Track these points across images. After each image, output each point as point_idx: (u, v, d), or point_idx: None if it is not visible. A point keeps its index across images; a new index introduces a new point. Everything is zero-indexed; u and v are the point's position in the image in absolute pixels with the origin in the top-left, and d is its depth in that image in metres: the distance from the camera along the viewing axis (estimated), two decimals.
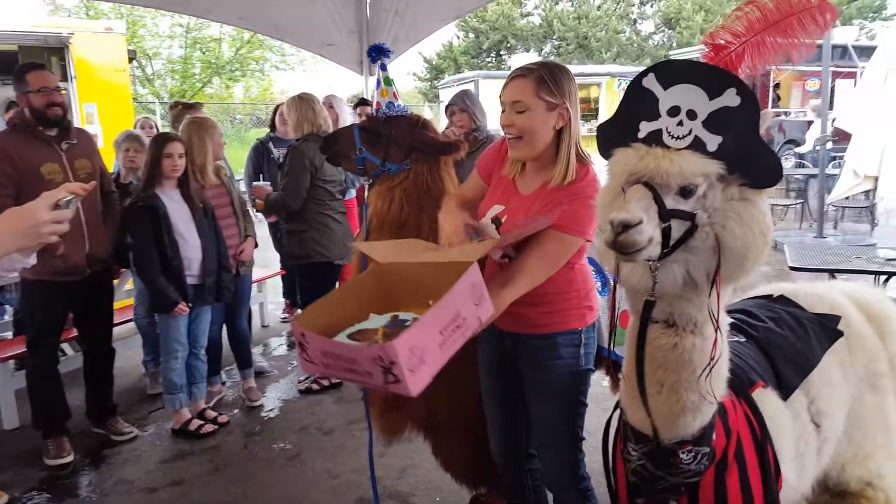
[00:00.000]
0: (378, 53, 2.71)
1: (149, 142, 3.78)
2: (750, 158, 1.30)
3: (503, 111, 1.92)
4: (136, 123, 5.22)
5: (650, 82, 1.30)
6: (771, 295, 2.05)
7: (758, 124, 1.28)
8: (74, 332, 3.94)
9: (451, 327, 1.54)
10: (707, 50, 1.34)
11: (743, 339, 1.80)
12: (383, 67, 2.67)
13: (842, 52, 14.29)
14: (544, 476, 2.20)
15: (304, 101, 4.16)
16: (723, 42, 1.33)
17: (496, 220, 1.99)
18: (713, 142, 1.29)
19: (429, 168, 2.49)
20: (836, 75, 14.23)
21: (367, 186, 2.65)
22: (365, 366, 1.45)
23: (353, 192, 5.06)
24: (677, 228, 1.28)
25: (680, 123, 1.29)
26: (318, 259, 4.12)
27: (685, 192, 1.28)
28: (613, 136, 1.40)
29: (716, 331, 1.39)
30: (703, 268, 1.33)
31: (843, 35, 9.75)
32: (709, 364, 1.39)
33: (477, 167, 2.18)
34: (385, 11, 5.65)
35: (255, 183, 4.43)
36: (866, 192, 8.39)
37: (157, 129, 5.27)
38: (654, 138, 1.30)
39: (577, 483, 2.11)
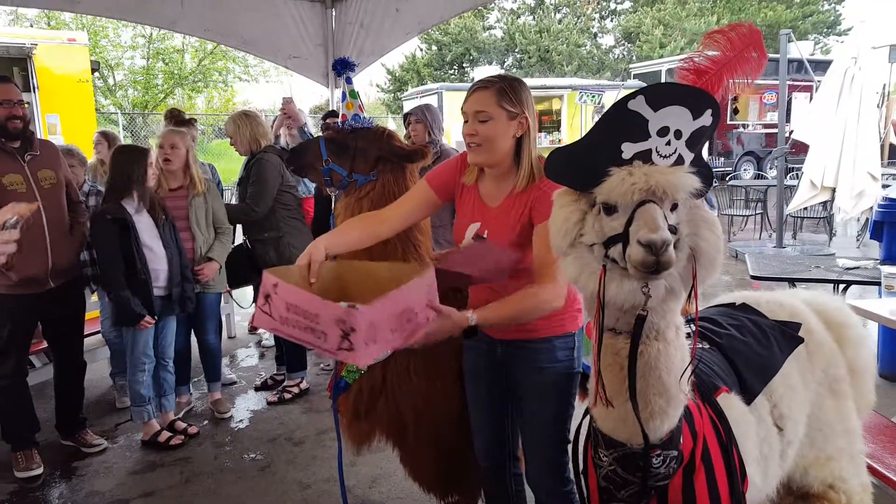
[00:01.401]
0: (343, 67, 2.77)
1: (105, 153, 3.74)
2: (701, 170, 1.39)
3: (466, 121, 1.99)
4: (95, 139, 5.12)
5: (638, 105, 1.32)
6: (734, 303, 2.11)
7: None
8: (44, 344, 3.88)
9: (404, 318, 1.62)
10: (687, 72, 1.43)
11: (707, 346, 1.85)
12: (349, 80, 2.72)
13: (798, 65, 14.77)
14: (531, 478, 2.21)
15: (252, 118, 4.32)
16: (703, 66, 1.41)
17: (478, 238, 2.04)
18: (689, 158, 1.37)
19: (395, 178, 2.52)
20: (792, 88, 14.69)
21: (333, 198, 2.66)
22: (325, 325, 1.50)
23: (306, 192, 5.07)
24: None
25: (668, 143, 1.34)
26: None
27: (673, 206, 1.35)
28: (585, 160, 1.41)
29: (692, 335, 1.45)
30: (679, 277, 1.39)
31: (799, 49, 10.07)
32: (687, 366, 1.46)
33: (426, 179, 2.20)
34: (350, 24, 5.71)
35: None
36: (824, 203, 8.65)
37: (119, 140, 5.18)
38: (643, 158, 1.34)
39: (562, 485, 2.14)
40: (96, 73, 13.18)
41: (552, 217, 1.50)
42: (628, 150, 1.34)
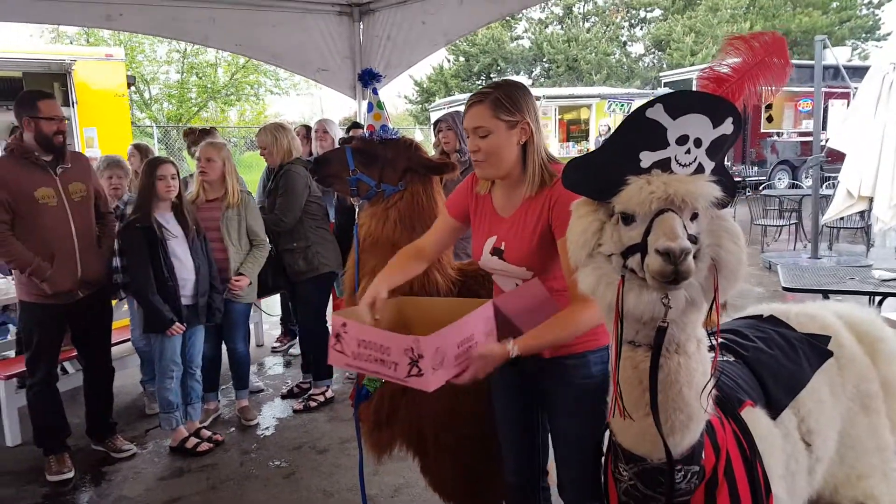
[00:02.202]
0: (370, 78, 2.77)
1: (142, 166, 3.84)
2: (722, 179, 1.36)
3: (467, 137, 1.97)
4: (129, 151, 5.26)
5: (656, 113, 1.30)
6: (761, 315, 2.06)
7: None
8: (75, 352, 3.97)
9: (466, 345, 1.73)
10: (707, 80, 1.39)
11: (732, 359, 1.81)
12: (375, 91, 2.73)
13: (834, 72, 14.47)
14: (564, 493, 2.15)
15: (286, 130, 4.43)
16: (724, 74, 1.38)
17: (496, 251, 2.00)
18: (710, 167, 1.35)
19: (423, 188, 2.54)
20: (828, 96, 14.40)
21: (357, 207, 2.67)
22: (395, 355, 1.64)
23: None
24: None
25: (688, 151, 1.32)
26: (324, 270, 4.32)
27: (693, 216, 1.33)
28: (603, 169, 1.40)
29: (714, 348, 1.42)
30: (700, 288, 1.36)
31: (835, 56, 9.86)
32: (708, 381, 1.42)
33: (446, 207, 2.21)
34: (377, 37, 5.76)
35: None
36: (861, 213, 8.44)
37: (152, 153, 5.31)
38: (662, 167, 1.32)
39: (594, 501, 2.09)
40: (132, 88, 13.55)
41: (570, 227, 1.49)
42: (647, 158, 1.32)
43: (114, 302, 4.00)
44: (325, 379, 4.58)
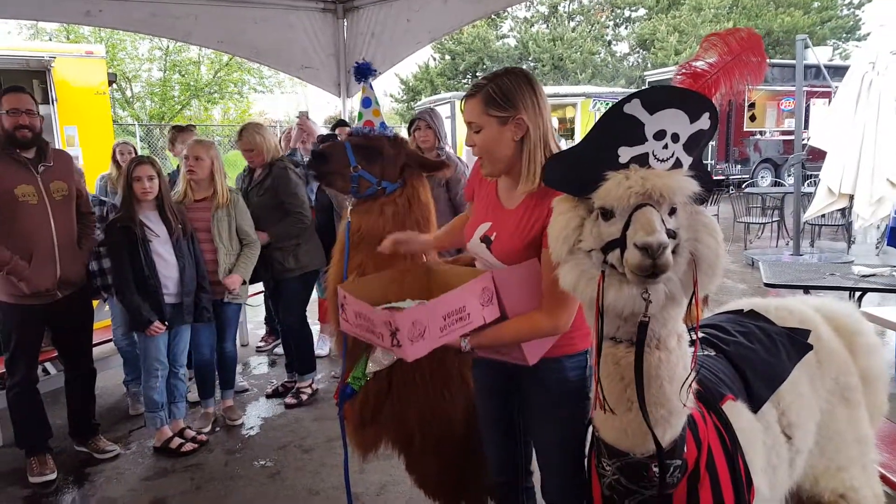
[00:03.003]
0: (366, 73, 2.61)
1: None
2: (699, 174, 1.36)
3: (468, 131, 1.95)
4: (115, 149, 5.19)
5: (634, 108, 1.32)
6: (741, 310, 2.08)
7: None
8: (56, 353, 3.93)
9: (455, 317, 1.80)
10: (685, 76, 1.41)
11: (714, 354, 1.83)
12: (371, 87, 2.60)
13: (815, 71, 14.62)
14: (547, 496, 2.15)
15: (266, 129, 4.40)
16: (700, 70, 1.40)
17: (486, 239, 1.97)
18: (688, 162, 1.36)
19: (422, 186, 2.51)
20: (810, 95, 14.53)
21: (348, 205, 2.59)
22: (379, 328, 1.77)
23: None
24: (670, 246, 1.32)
25: (665, 146, 1.33)
26: (312, 268, 4.34)
27: (672, 210, 1.34)
28: (582, 165, 1.41)
29: (694, 343, 1.43)
30: (679, 283, 1.37)
31: (816, 55, 9.96)
32: (689, 375, 1.44)
33: (465, 193, 2.23)
34: (362, 34, 5.74)
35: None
36: (842, 210, 8.54)
37: (136, 152, 5.25)
38: (640, 162, 1.33)
39: (578, 502, 2.08)
40: (113, 85, 13.41)
41: (551, 224, 1.49)
42: (625, 154, 1.33)
43: (95, 303, 3.95)
44: (310, 372, 4.60)
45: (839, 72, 12.98)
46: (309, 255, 4.32)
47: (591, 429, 1.65)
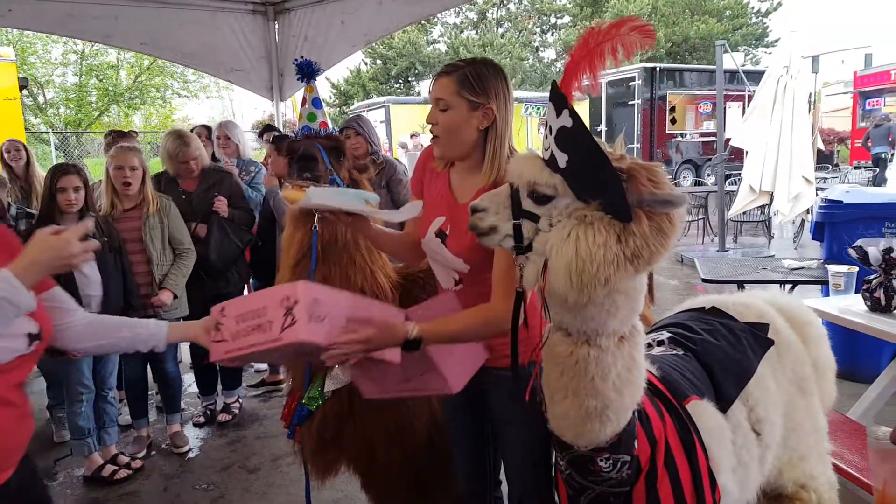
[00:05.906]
0: (311, 72, 2.50)
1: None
2: (601, 185, 1.33)
3: (432, 107, 1.89)
4: (3, 148, 4.85)
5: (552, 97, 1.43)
6: (703, 307, 2.09)
7: (598, 149, 1.32)
8: None
9: (362, 319, 1.69)
10: (563, 75, 1.46)
11: (681, 353, 1.82)
12: (315, 87, 2.50)
13: (730, 76, 15.31)
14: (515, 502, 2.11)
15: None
16: (568, 66, 1.44)
17: (440, 233, 1.92)
18: (562, 159, 1.37)
19: (369, 187, 2.46)
20: (725, 98, 15.17)
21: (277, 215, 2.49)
22: (271, 313, 1.58)
23: None
24: (529, 229, 1.42)
25: (546, 137, 1.42)
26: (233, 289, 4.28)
27: (536, 196, 1.40)
28: None
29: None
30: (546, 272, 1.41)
31: (734, 60, 10.43)
32: (635, 376, 1.47)
33: (411, 188, 2.13)
34: (294, 37, 5.61)
35: None
36: (762, 207, 8.95)
37: (27, 151, 4.95)
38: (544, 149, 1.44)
39: None
40: (25, 91, 12.65)
41: None
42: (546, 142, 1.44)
43: None
44: (237, 387, 4.54)
45: (751, 76, 13.68)
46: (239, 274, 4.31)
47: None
